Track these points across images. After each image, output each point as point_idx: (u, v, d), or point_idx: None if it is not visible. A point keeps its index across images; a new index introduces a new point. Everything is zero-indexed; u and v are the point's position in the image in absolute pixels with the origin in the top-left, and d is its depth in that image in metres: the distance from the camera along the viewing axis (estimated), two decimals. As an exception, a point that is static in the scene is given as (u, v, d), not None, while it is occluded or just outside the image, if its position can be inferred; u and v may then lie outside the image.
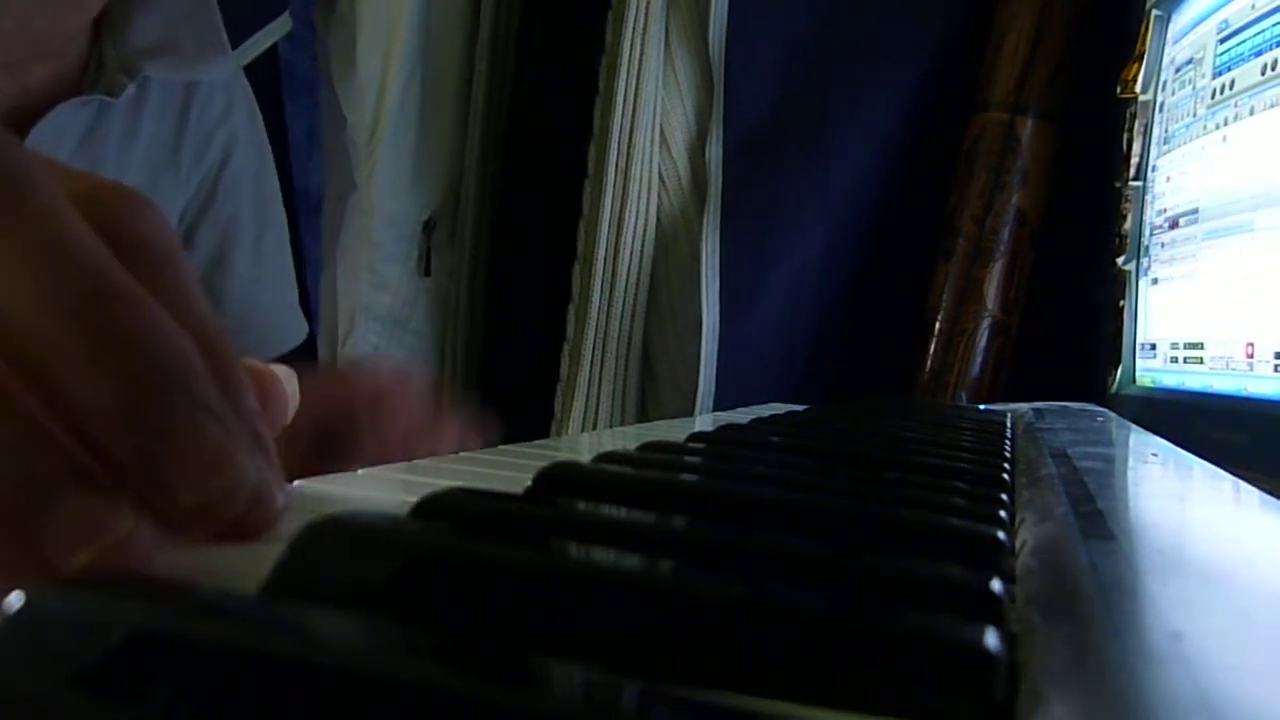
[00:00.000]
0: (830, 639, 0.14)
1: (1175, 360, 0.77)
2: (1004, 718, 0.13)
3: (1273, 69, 0.65)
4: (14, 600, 0.14)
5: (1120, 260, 0.87)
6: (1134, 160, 0.87)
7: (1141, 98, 0.86)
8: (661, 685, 0.13)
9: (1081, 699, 0.12)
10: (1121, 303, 0.86)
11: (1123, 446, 0.47)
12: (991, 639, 0.14)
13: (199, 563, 0.18)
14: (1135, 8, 0.89)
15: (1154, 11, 0.85)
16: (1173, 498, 0.32)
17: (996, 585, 0.17)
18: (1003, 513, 0.26)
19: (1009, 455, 0.40)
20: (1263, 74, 0.66)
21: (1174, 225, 0.79)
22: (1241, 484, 0.33)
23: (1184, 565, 0.20)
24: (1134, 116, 0.87)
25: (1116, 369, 0.86)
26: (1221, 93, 0.72)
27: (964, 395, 1.03)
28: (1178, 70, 0.81)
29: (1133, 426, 0.57)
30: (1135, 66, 0.86)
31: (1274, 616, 0.16)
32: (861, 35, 1.09)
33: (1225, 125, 0.71)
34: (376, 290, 1.20)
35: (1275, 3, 0.66)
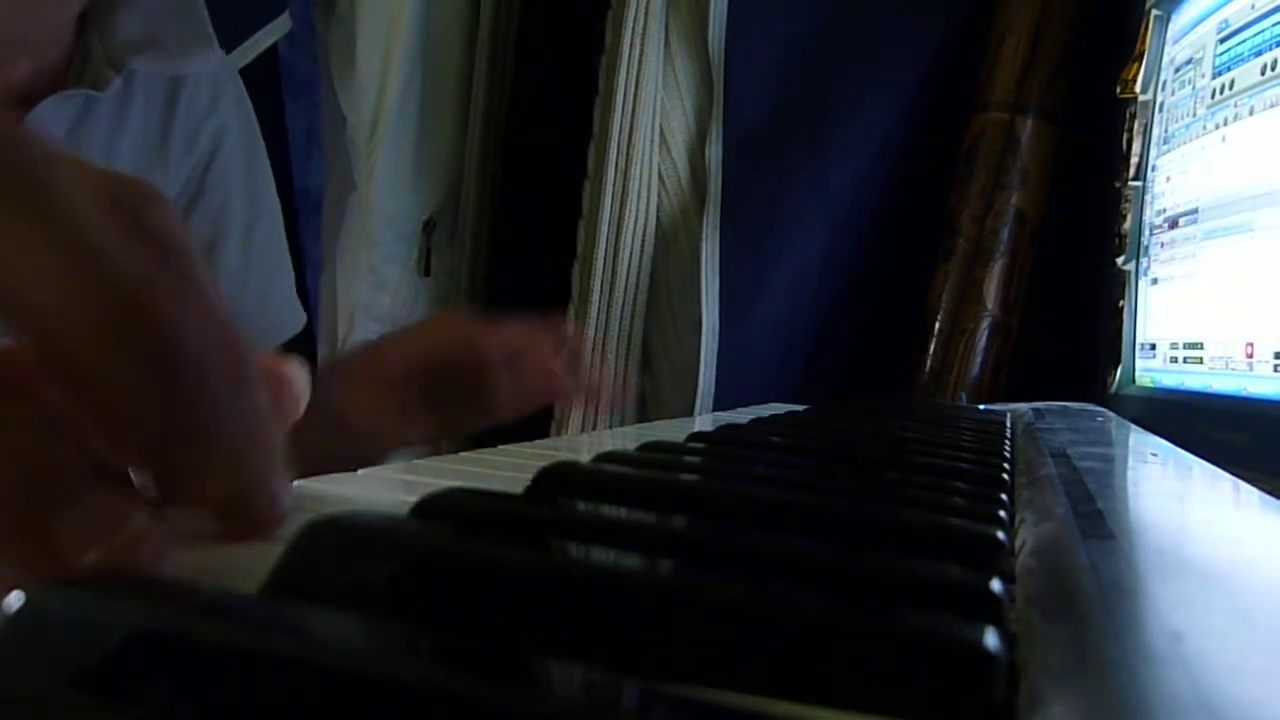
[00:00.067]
0: (830, 639, 0.14)
1: (1175, 360, 0.77)
2: (1004, 718, 0.13)
3: (1272, 69, 0.65)
4: (14, 600, 0.14)
5: (1120, 260, 0.87)
6: (1134, 160, 0.87)
7: (1141, 98, 0.86)
8: (661, 685, 0.13)
9: (1081, 699, 0.12)
10: (1121, 303, 0.86)
11: (1122, 446, 0.47)
12: (991, 639, 0.14)
13: (199, 563, 0.18)
14: (1135, 8, 0.88)
15: (1154, 11, 0.85)
16: (1172, 498, 0.32)
17: (996, 585, 0.17)
18: (1002, 513, 0.26)
19: (1009, 455, 0.40)
20: (1262, 74, 0.66)
21: (1173, 225, 0.79)
22: (1241, 484, 0.33)
23: (1184, 565, 0.20)
24: (1134, 116, 0.87)
25: (1116, 369, 0.86)
26: (1221, 93, 0.72)
27: (964, 395, 1.03)
28: (1177, 70, 0.81)
29: (1132, 426, 0.57)
30: (1135, 66, 0.86)
31: (1274, 616, 0.16)
32: (861, 35, 1.09)
33: (1225, 125, 0.71)
34: (376, 290, 1.20)
35: (1275, 3, 0.66)
